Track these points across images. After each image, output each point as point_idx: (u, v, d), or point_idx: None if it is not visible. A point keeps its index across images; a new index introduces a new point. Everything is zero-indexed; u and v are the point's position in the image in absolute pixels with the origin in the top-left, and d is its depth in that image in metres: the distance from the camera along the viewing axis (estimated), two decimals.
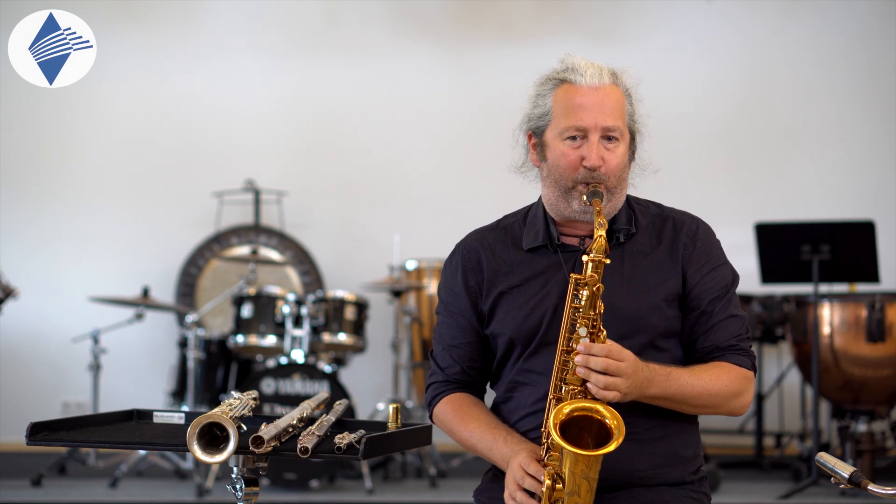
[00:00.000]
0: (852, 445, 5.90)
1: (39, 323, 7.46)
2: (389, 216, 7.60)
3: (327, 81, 7.78)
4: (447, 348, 2.60)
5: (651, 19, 7.87)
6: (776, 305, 6.28)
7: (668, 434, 2.48)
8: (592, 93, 2.48)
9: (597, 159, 2.44)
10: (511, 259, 2.56)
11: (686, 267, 2.50)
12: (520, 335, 2.50)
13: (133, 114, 7.68)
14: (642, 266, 2.50)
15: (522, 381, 2.50)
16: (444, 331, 2.61)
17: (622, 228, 2.52)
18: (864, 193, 7.66)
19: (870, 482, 2.19)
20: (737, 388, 2.47)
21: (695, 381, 2.42)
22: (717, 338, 2.49)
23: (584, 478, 2.27)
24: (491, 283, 2.55)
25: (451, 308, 2.59)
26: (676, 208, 2.63)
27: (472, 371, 2.60)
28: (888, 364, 5.97)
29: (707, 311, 2.49)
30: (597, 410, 2.28)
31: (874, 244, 5.95)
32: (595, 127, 2.45)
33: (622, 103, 2.51)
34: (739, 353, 2.49)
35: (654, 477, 2.45)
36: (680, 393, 2.41)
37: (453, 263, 2.61)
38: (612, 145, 2.47)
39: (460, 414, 2.55)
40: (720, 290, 2.50)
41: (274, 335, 6.07)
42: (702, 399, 2.43)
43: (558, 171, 2.48)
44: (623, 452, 2.29)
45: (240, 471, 2.32)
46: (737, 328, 2.50)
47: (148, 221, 7.63)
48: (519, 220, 2.61)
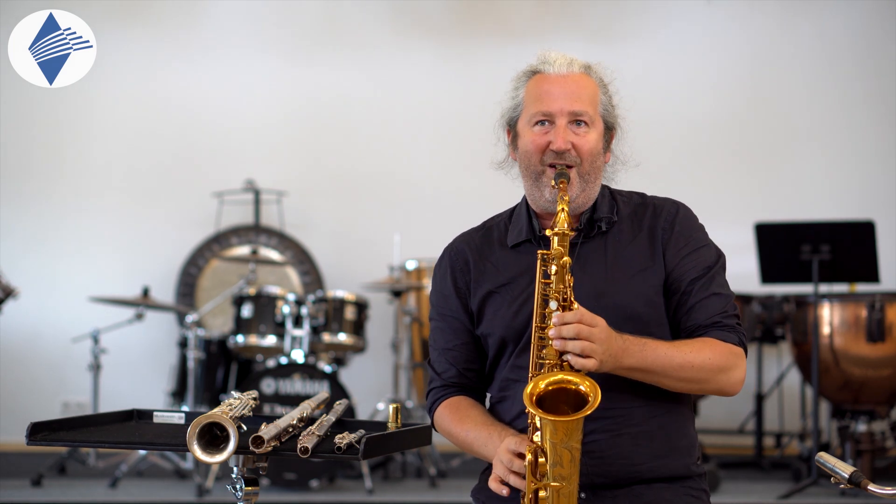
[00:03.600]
0: (852, 445, 5.90)
1: (39, 323, 7.46)
2: (389, 216, 7.60)
3: (328, 81, 7.78)
4: (442, 353, 2.59)
5: (651, 19, 7.87)
6: (776, 305, 6.28)
7: (664, 423, 2.45)
8: (560, 80, 2.49)
9: (563, 142, 2.45)
10: (497, 258, 2.56)
11: (665, 251, 2.50)
12: (510, 333, 2.49)
13: (133, 114, 7.68)
14: (625, 254, 2.50)
15: (515, 378, 2.50)
16: (438, 336, 2.61)
17: (603, 217, 2.52)
18: (864, 193, 7.66)
19: (870, 482, 2.19)
20: (723, 362, 2.43)
21: (674, 352, 2.38)
22: (698, 316, 2.46)
23: (565, 447, 2.23)
24: (478, 282, 2.55)
25: (443, 311, 2.59)
26: (659, 196, 2.61)
27: (468, 373, 2.59)
28: (888, 364, 5.97)
29: (687, 291, 2.47)
30: (570, 381, 2.25)
31: (874, 244, 5.95)
32: (561, 112, 2.47)
33: (593, 92, 2.51)
34: (724, 328, 2.46)
35: (653, 470, 2.43)
36: (658, 364, 2.35)
37: (442, 267, 2.61)
38: (581, 130, 2.48)
39: (458, 416, 2.54)
40: (700, 270, 2.48)
41: (274, 335, 6.07)
42: (684, 371, 2.38)
43: (527, 156, 2.50)
44: (621, 446, 2.28)
45: (240, 471, 2.32)
46: (720, 305, 2.47)
47: (148, 221, 7.63)
48: (504, 219, 2.62)
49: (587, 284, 2.44)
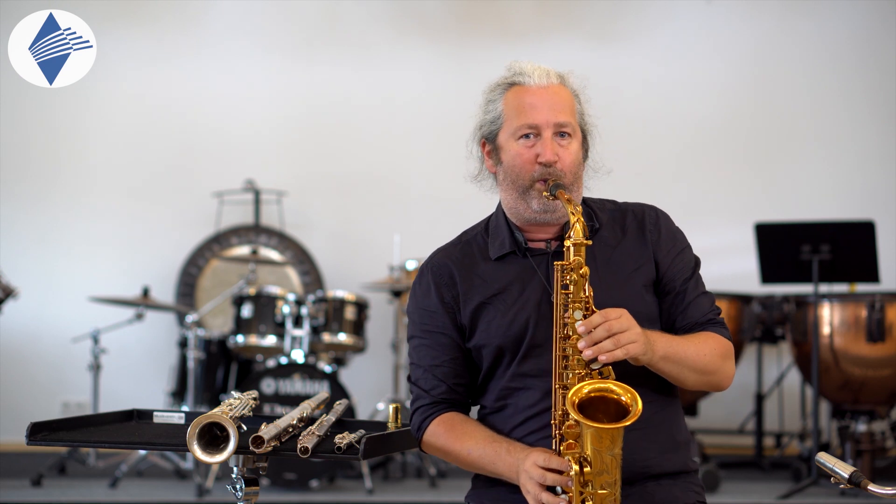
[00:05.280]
0: (852, 445, 5.90)
1: (39, 323, 7.45)
2: (389, 216, 7.60)
3: (327, 81, 7.77)
4: (429, 370, 2.55)
5: (651, 19, 7.87)
6: (776, 305, 6.27)
7: (665, 418, 2.50)
8: (542, 92, 2.51)
9: (551, 154, 2.47)
10: (482, 270, 2.55)
11: (656, 252, 2.55)
12: (508, 342, 2.49)
13: (133, 114, 7.68)
14: (613, 258, 2.53)
15: (517, 386, 2.49)
16: (423, 353, 2.56)
17: (586, 225, 2.53)
18: (864, 193, 7.66)
19: (870, 482, 2.19)
20: (724, 352, 2.51)
21: (687, 342, 2.46)
22: (693, 314, 2.53)
23: (610, 454, 2.24)
24: (466, 295, 2.53)
25: (429, 328, 2.55)
26: (630, 201, 2.64)
27: (458, 388, 2.56)
28: (888, 364, 5.97)
29: (681, 290, 2.54)
30: (610, 389, 2.28)
31: (874, 244, 5.95)
32: (547, 124, 2.48)
33: (571, 102, 2.53)
34: (717, 324, 2.55)
35: (661, 465, 2.46)
36: (682, 352, 2.42)
37: (423, 284, 2.58)
38: (565, 142, 2.49)
39: (454, 433, 2.50)
40: (689, 270, 2.56)
41: (274, 335, 6.07)
42: (699, 360, 2.45)
43: (514, 171, 2.50)
44: (630, 441, 2.29)
45: (240, 471, 2.33)
46: (709, 304, 2.57)
47: (148, 221, 7.63)
48: (481, 232, 2.61)
49: None
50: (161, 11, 7.76)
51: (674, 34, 7.85)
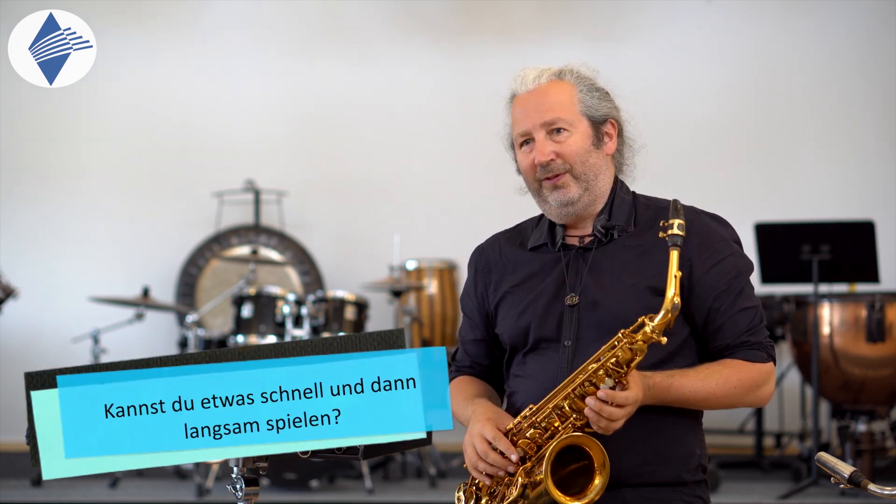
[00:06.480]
0: (852, 445, 5.90)
1: (39, 323, 7.45)
2: (389, 216, 7.60)
3: (327, 81, 7.77)
4: (462, 344, 2.71)
5: (651, 18, 7.87)
6: (776, 305, 6.27)
7: (661, 428, 2.45)
8: (528, 96, 2.55)
9: (542, 155, 2.50)
10: (515, 258, 2.61)
11: (692, 263, 2.48)
12: (514, 335, 2.55)
13: (133, 113, 7.69)
14: (638, 263, 2.48)
15: (520, 375, 2.55)
16: (463, 327, 2.72)
17: (617, 225, 2.53)
18: (865, 193, 7.66)
19: (870, 482, 2.19)
20: (750, 384, 2.45)
21: (700, 385, 2.42)
22: (726, 336, 2.47)
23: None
24: (498, 283, 2.61)
25: (465, 308, 2.70)
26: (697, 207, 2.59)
27: (477, 367, 2.68)
28: (888, 364, 5.97)
29: (714, 308, 2.48)
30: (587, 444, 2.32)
31: (874, 244, 5.96)
32: (535, 127, 2.52)
33: (567, 96, 2.54)
34: (752, 347, 2.47)
35: (641, 475, 2.43)
36: (683, 400, 2.43)
37: (470, 266, 2.70)
38: (560, 137, 2.51)
39: (455, 390, 2.62)
40: (725, 283, 2.49)
41: (274, 335, 6.07)
42: (709, 403, 2.46)
43: (524, 178, 2.59)
44: (610, 449, 2.29)
45: (240, 471, 2.32)
46: (746, 322, 2.48)
47: (148, 221, 7.63)
48: (533, 223, 2.67)
49: (595, 291, 2.46)
50: (161, 11, 7.76)
51: (674, 34, 7.85)
